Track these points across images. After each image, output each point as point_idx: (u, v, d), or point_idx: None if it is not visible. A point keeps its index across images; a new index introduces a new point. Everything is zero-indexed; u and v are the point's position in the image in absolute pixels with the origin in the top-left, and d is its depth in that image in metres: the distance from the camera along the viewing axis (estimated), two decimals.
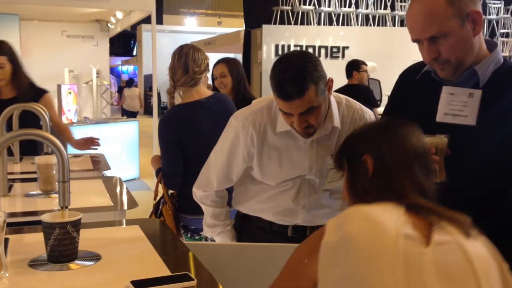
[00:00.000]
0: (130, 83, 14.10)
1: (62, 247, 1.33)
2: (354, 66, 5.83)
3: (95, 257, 1.39)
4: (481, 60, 1.45)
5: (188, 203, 2.29)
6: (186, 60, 2.42)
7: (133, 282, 1.19)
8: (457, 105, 1.43)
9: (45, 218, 1.34)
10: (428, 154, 1.22)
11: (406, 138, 1.19)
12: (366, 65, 5.95)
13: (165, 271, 1.30)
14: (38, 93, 3.20)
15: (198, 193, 2.01)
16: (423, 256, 1.00)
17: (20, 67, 3.16)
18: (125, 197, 2.32)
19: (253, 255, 1.69)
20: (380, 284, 0.96)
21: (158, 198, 2.61)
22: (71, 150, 6.65)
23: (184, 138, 2.43)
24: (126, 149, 7.52)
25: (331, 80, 1.72)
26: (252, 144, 1.83)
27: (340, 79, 5.17)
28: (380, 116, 1.86)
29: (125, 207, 2.13)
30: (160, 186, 2.57)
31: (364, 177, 1.18)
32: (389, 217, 1.04)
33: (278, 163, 1.83)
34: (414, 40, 1.46)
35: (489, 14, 12.84)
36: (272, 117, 1.82)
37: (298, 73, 1.62)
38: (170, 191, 2.57)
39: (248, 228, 1.97)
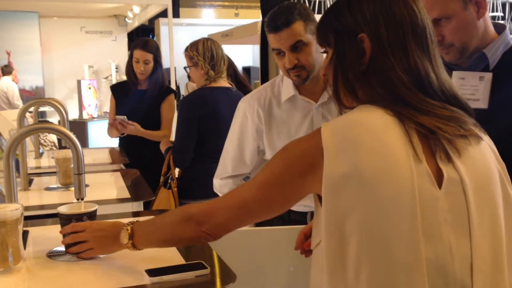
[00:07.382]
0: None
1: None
2: None
3: None
4: (489, 43, 1.44)
5: (187, 186, 2.62)
6: (223, 53, 2.73)
7: (147, 271, 1.21)
8: (468, 89, 1.41)
9: (61, 210, 1.38)
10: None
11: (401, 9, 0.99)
12: None
13: (180, 260, 1.32)
14: (165, 91, 3.27)
15: (216, 182, 2.06)
16: (438, 202, 0.92)
17: (161, 67, 3.28)
18: (142, 189, 2.35)
19: (265, 239, 1.70)
20: (396, 235, 0.89)
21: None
22: (92, 144, 6.73)
23: (203, 117, 2.60)
24: None
25: None
26: (259, 121, 1.90)
27: None
28: None
29: (142, 199, 2.16)
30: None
31: (357, 61, 0.99)
32: (397, 144, 0.92)
33: (287, 137, 1.86)
34: None
35: None
36: (276, 93, 1.91)
37: (286, 6, 1.77)
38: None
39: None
